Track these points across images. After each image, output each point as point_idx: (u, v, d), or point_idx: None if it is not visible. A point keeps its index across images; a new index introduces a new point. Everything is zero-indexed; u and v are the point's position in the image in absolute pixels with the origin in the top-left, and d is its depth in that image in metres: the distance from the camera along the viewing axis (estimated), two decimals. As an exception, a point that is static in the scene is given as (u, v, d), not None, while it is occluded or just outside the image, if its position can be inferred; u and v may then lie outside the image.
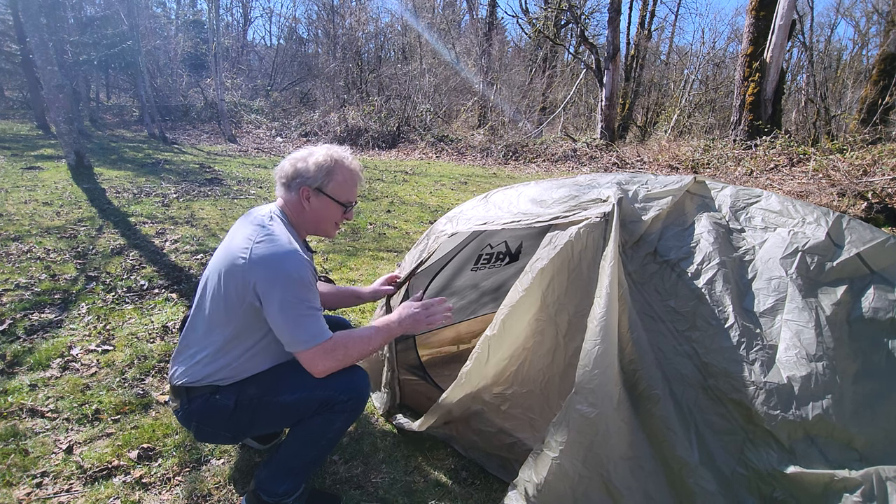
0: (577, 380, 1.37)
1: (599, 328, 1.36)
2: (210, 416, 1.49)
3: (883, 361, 1.29)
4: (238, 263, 1.40)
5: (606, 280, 1.41)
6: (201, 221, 5.21)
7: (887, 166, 7.08)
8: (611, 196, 1.55)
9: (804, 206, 1.58)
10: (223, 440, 1.78)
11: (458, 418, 1.88)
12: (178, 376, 1.49)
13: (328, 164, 1.53)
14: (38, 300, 3.12)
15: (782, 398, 1.24)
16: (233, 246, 1.45)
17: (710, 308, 1.39)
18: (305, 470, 1.62)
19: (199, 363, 1.47)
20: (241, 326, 1.45)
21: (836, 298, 1.36)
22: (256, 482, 1.61)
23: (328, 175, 1.54)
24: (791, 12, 9.38)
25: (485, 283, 2.89)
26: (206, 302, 1.48)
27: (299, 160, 1.54)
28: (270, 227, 1.45)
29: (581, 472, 1.36)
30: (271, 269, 1.37)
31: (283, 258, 1.39)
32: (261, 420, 1.54)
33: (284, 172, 1.55)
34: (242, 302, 1.41)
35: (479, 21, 20.53)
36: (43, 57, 6.45)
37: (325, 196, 1.55)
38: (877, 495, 1.13)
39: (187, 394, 1.48)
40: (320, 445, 1.57)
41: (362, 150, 13.21)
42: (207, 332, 1.47)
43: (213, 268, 1.49)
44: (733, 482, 1.26)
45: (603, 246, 1.49)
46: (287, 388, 1.50)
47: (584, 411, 1.35)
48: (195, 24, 20.24)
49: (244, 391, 1.48)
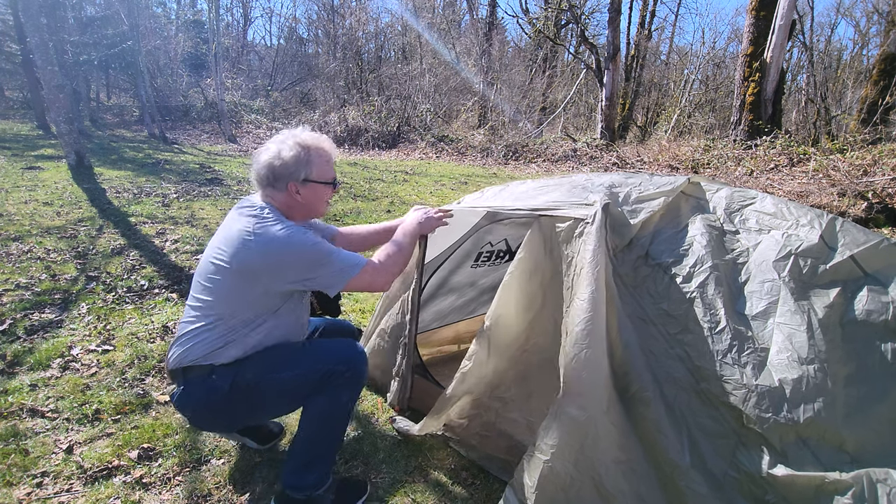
0: (565, 383, 1.38)
1: (586, 332, 1.37)
2: (207, 398, 1.50)
3: (876, 364, 1.30)
4: (248, 247, 1.45)
5: (589, 284, 1.41)
6: (201, 221, 5.22)
7: (887, 166, 7.07)
8: (597, 201, 1.56)
9: (798, 209, 1.59)
10: (220, 428, 1.79)
11: (458, 422, 1.88)
12: (175, 358, 1.51)
13: (303, 154, 1.56)
14: (38, 300, 3.14)
15: (774, 401, 1.25)
16: (233, 233, 1.49)
17: (703, 311, 1.39)
18: (328, 455, 1.64)
19: (197, 340, 1.49)
20: (242, 302, 1.50)
21: (829, 301, 1.36)
22: (283, 482, 1.62)
23: (308, 164, 1.57)
24: (791, 12, 9.37)
25: (483, 280, 2.89)
26: (202, 284, 1.52)
27: (274, 159, 1.55)
28: (267, 215, 1.51)
29: (573, 475, 1.37)
30: (285, 246, 1.46)
31: (290, 235, 1.47)
32: (259, 402, 1.55)
33: (264, 175, 1.56)
34: (252, 282, 1.47)
35: (479, 21, 20.51)
36: (43, 57, 6.47)
37: (312, 182, 1.59)
38: (867, 497, 1.14)
39: (184, 374, 1.50)
40: (333, 424, 1.60)
41: (362, 150, 13.22)
42: (205, 310, 1.50)
43: (211, 255, 1.52)
44: (725, 485, 1.27)
45: (587, 248, 1.50)
46: (285, 365, 1.53)
47: (573, 414, 1.36)
48: (195, 24, 20.23)
49: (241, 373, 1.49)
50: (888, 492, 1.14)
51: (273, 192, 1.58)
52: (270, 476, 1.82)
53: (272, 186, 1.57)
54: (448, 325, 2.92)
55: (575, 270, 1.49)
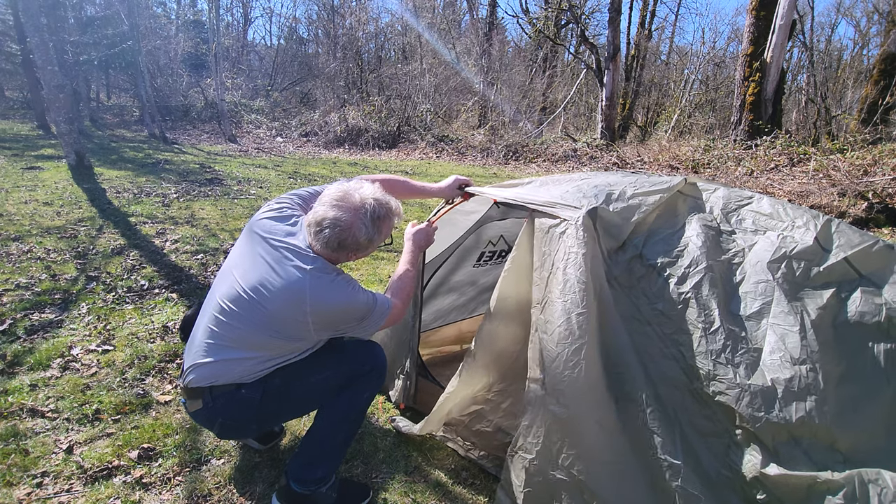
0: (547, 381, 1.39)
1: (568, 332, 1.39)
2: (237, 411, 1.50)
3: (868, 364, 1.31)
4: (301, 309, 1.41)
5: (567, 283, 1.43)
6: (201, 221, 5.23)
7: (888, 166, 7.08)
8: (585, 204, 1.56)
9: (795, 210, 1.60)
10: (249, 433, 1.82)
11: (458, 420, 1.90)
12: (198, 378, 1.46)
13: (375, 236, 1.51)
14: (38, 300, 3.15)
15: (767, 400, 1.26)
16: (278, 281, 1.42)
17: (697, 311, 1.40)
18: (338, 452, 1.65)
19: (230, 368, 1.46)
20: (284, 345, 1.49)
21: (823, 302, 1.37)
22: (288, 475, 1.63)
23: (375, 239, 1.52)
24: (791, 12, 9.37)
25: (484, 279, 2.90)
26: (236, 314, 1.45)
27: (345, 230, 1.44)
28: (321, 273, 1.44)
29: (558, 474, 1.38)
30: (339, 309, 1.47)
31: (344, 298, 1.47)
32: (287, 405, 1.58)
33: (329, 242, 1.46)
34: (300, 330, 1.46)
35: (479, 21, 20.51)
36: (43, 57, 6.47)
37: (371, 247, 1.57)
38: (859, 498, 1.15)
39: (211, 392, 1.47)
40: (348, 423, 1.63)
41: (362, 150, 13.23)
42: (238, 341, 1.46)
43: (248, 290, 1.44)
44: (718, 484, 1.28)
45: (564, 248, 1.50)
46: (312, 369, 1.55)
47: (555, 411, 1.37)
48: (195, 24, 20.25)
49: (269, 382, 1.50)
50: (879, 492, 1.15)
51: (328, 252, 1.49)
52: (270, 476, 1.83)
53: (330, 249, 1.47)
54: (448, 325, 2.93)
55: (551, 269, 1.50)
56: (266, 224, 1.54)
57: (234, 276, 1.49)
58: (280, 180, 8.08)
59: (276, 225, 1.53)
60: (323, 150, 13.11)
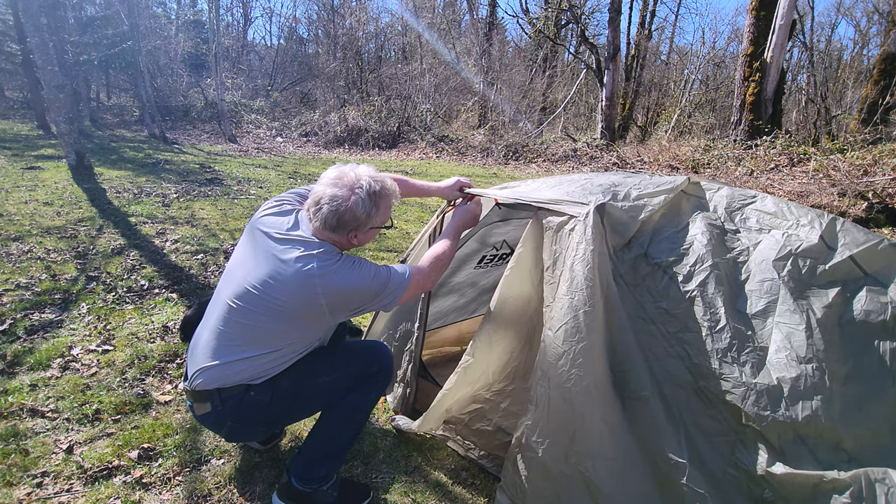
0: (553, 378, 1.38)
1: (575, 329, 1.38)
2: (246, 413, 1.49)
3: (874, 363, 1.30)
4: (314, 292, 1.40)
5: (575, 281, 1.42)
6: (202, 221, 5.23)
7: (888, 166, 7.07)
8: (592, 200, 1.56)
9: (799, 209, 1.59)
10: (258, 435, 1.82)
11: (458, 418, 1.89)
12: (205, 381, 1.45)
13: (373, 210, 1.51)
14: (38, 300, 3.14)
15: (772, 399, 1.25)
16: (287, 271, 1.41)
17: (703, 310, 1.40)
18: (341, 452, 1.66)
19: (240, 367, 1.45)
20: (298, 337, 1.50)
21: (828, 301, 1.37)
22: (290, 472, 1.63)
23: (373, 215, 1.52)
24: (791, 12, 9.37)
25: (484, 281, 2.90)
26: (246, 310, 1.44)
27: (345, 210, 1.46)
28: (327, 256, 1.45)
29: (563, 471, 1.37)
30: (351, 288, 1.45)
31: (355, 276, 1.46)
32: (296, 407, 1.58)
33: (327, 219, 1.46)
34: (315, 320, 1.47)
35: (479, 21, 20.50)
36: (43, 57, 6.47)
37: (371, 229, 1.57)
38: (865, 497, 1.14)
39: (219, 394, 1.46)
40: (353, 423, 1.63)
41: (362, 150, 13.22)
42: (249, 341, 1.45)
43: (254, 285, 1.43)
44: (724, 483, 1.27)
45: (573, 245, 1.49)
46: (320, 370, 1.55)
47: (561, 409, 1.36)
48: (195, 24, 20.25)
49: (278, 383, 1.49)
50: (886, 491, 1.14)
51: (330, 234, 1.50)
52: (271, 476, 1.82)
53: (331, 230, 1.48)
54: (449, 325, 2.92)
55: (560, 267, 1.49)
56: (267, 220, 1.54)
57: (240, 274, 1.49)
58: (280, 180, 8.07)
59: (277, 219, 1.54)
60: (323, 150, 13.11)
